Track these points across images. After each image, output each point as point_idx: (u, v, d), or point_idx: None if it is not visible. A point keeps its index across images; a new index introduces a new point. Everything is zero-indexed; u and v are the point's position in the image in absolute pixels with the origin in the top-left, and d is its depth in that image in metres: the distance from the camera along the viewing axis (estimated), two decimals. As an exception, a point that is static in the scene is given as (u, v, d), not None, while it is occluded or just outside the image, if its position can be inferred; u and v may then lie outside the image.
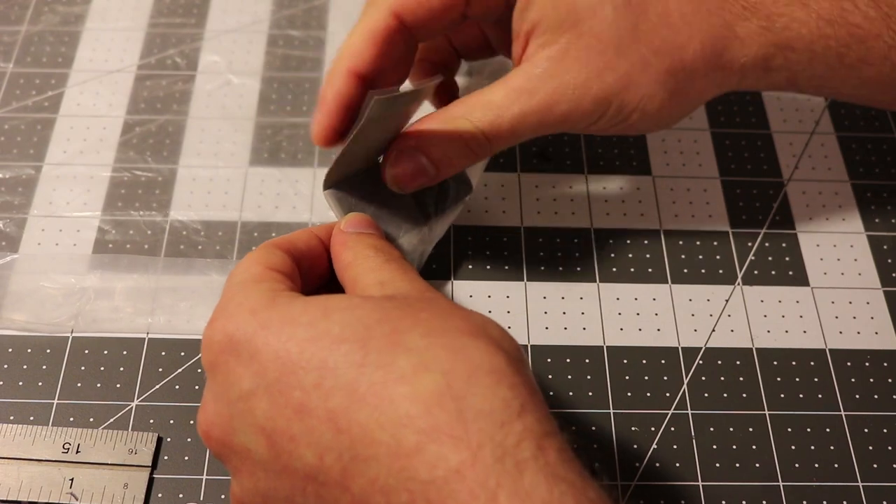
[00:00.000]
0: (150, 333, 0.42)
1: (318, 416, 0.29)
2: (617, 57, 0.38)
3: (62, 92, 0.50)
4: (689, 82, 0.39)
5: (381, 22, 0.38)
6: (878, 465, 0.40)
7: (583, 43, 0.37)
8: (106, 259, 0.44)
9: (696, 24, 0.38)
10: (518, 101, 0.38)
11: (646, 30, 0.38)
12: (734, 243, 0.46)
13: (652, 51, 0.38)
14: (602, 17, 0.37)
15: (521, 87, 0.38)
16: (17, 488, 0.37)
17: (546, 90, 0.38)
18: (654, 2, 0.38)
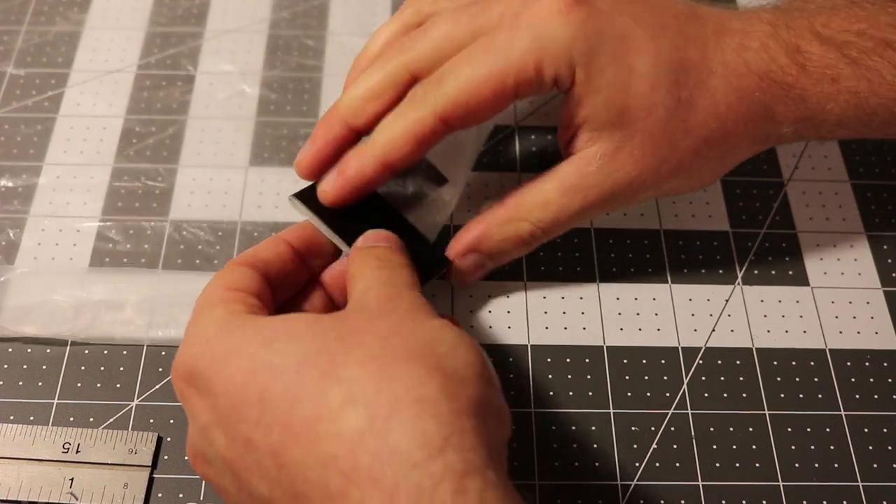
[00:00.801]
0: (149, 341, 0.42)
1: (263, 450, 0.29)
2: (670, 151, 0.39)
3: (62, 92, 0.50)
4: (732, 155, 0.41)
5: (427, 127, 0.37)
6: (878, 465, 0.40)
7: (636, 141, 0.38)
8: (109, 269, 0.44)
9: (740, 111, 0.39)
10: (574, 199, 0.39)
11: (695, 123, 0.38)
12: (734, 243, 0.46)
13: (702, 140, 0.39)
14: (655, 118, 0.38)
15: (577, 185, 0.39)
16: (17, 488, 0.37)
17: (601, 188, 0.39)
18: (702, 95, 0.38)
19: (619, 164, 0.38)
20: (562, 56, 0.37)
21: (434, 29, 0.38)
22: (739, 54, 0.38)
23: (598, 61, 0.37)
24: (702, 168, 0.40)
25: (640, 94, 0.37)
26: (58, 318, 0.41)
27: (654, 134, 0.38)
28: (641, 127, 0.38)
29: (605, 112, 0.38)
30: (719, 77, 0.38)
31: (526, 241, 0.40)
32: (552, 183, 0.39)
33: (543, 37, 0.36)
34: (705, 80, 0.38)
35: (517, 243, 0.40)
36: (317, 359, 0.30)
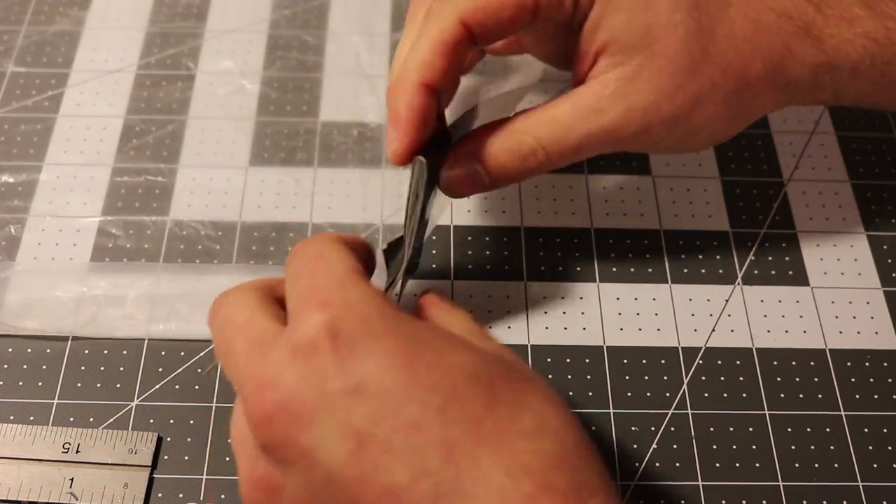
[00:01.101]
0: (149, 336, 0.42)
1: (431, 439, 0.28)
2: (688, 78, 0.38)
3: (62, 92, 0.50)
4: (750, 100, 0.39)
5: (450, 32, 0.36)
6: (878, 465, 0.40)
7: (655, 64, 0.37)
8: (110, 265, 0.44)
9: (758, 45, 0.38)
10: (586, 120, 0.38)
11: (714, 52, 0.38)
12: (734, 243, 0.46)
13: (720, 71, 0.38)
14: (675, 39, 0.37)
15: (590, 107, 0.38)
16: (17, 488, 0.37)
17: (616, 111, 0.37)
18: (721, 24, 0.38)
19: (636, 87, 0.37)
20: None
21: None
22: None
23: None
24: (721, 110, 0.39)
25: (660, 12, 0.37)
26: (59, 314, 0.42)
27: (672, 57, 0.37)
28: (660, 49, 0.37)
29: (626, 32, 0.37)
30: (737, 8, 0.38)
31: (526, 156, 0.38)
32: (565, 103, 0.38)
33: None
34: (724, 10, 0.38)
35: (517, 158, 0.38)
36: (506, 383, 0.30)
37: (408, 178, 0.47)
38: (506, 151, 0.38)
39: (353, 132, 0.49)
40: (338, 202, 0.46)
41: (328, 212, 0.46)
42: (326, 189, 0.47)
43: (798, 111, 0.51)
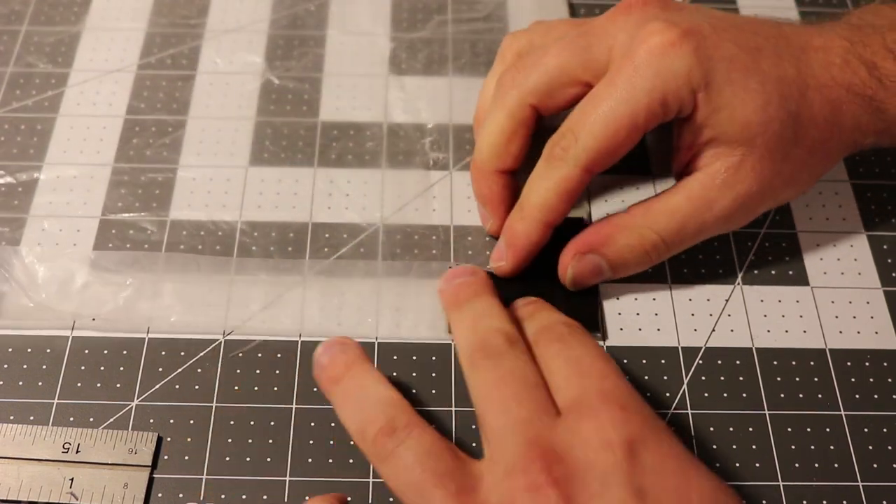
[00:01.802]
0: (150, 333, 0.42)
1: None
2: (783, 163, 0.41)
3: (62, 92, 0.50)
4: (827, 165, 0.43)
5: (576, 179, 0.40)
6: (878, 465, 0.40)
7: (756, 155, 0.40)
8: (110, 264, 0.44)
9: (835, 122, 0.41)
10: (700, 210, 0.41)
11: (802, 135, 0.40)
12: (734, 243, 0.46)
13: (808, 152, 0.41)
14: (772, 130, 0.40)
15: (703, 198, 0.41)
16: (17, 488, 0.37)
17: (725, 201, 0.41)
18: (804, 108, 0.40)
19: (741, 177, 0.40)
20: (683, 86, 0.39)
21: (545, 59, 0.41)
22: (826, 69, 0.40)
23: (715, 82, 0.39)
24: (806, 175, 0.42)
25: (757, 108, 0.39)
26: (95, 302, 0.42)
27: (770, 147, 0.40)
28: (761, 141, 0.40)
29: (730, 127, 0.40)
30: (814, 90, 0.40)
31: (648, 251, 0.41)
32: (680, 195, 0.41)
33: (663, 73, 0.39)
34: (804, 94, 0.40)
35: (639, 252, 0.41)
36: None
37: (407, 179, 0.48)
38: (630, 248, 0.41)
39: (353, 132, 0.49)
40: (338, 202, 0.46)
41: (328, 212, 0.46)
42: (326, 189, 0.47)
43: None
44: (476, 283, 0.39)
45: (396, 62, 0.52)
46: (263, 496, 0.38)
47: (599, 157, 0.39)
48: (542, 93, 0.41)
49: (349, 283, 0.44)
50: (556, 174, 0.40)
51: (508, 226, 0.42)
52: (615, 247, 0.41)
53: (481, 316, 0.37)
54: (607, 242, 0.41)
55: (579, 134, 0.39)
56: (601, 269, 0.41)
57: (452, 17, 0.54)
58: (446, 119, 0.50)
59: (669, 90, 0.39)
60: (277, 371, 0.41)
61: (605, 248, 0.41)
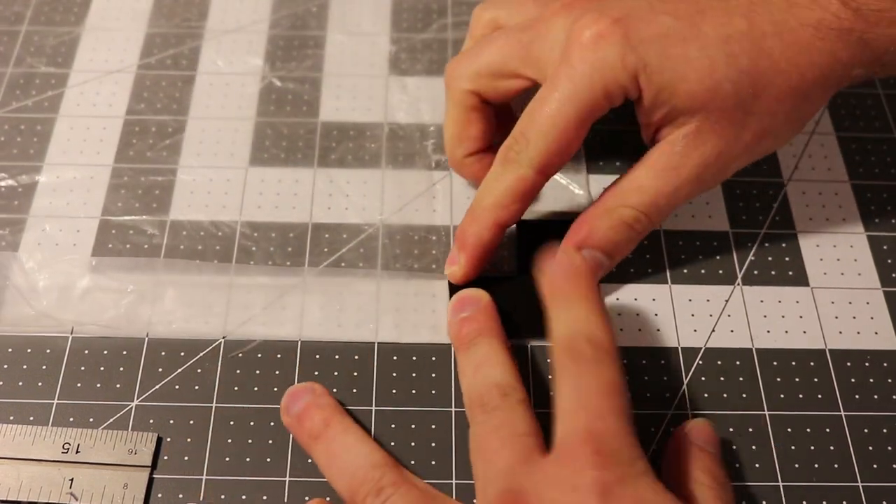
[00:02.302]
0: (150, 334, 0.42)
1: None
2: (746, 116, 0.40)
3: (62, 92, 0.50)
4: (810, 109, 0.42)
5: (530, 180, 0.40)
6: (878, 465, 0.40)
7: (713, 117, 0.40)
8: (110, 264, 0.44)
9: (803, 64, 0.40)
10: (667, 179, 0.41)
11: (763, 86, 0.40)
12: (734, 243, 0.46)
13: (774, 100, 0.40)
14: (723, 93, 0.39)
15: (667, 165, 0.40)
16: (17, 488, 0.37)
17: (691, 164, 0.40)
18: (760, 59, 0.39)
19: (702, 140, 0.40)
20: (621, 74, 0.39)
21: (488, 49, 0.43)
22: (788, 11, 0.40)
23: (651, 63, 0.39)
24: (782, 124, 0.41)
25: (701, 77, 0.39)
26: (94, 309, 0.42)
27: (726, 108, 0.39)
28: (713, 105, 0.39)
29: (677, 103, 0.39)
30: (772, 37, 0.39)
31: (631, 225, 0.41)
32: (643, 168, 0.41)
33: (598, 65, 0.39)
34: (759, 44, 0.39)
35: (624, 230, 0.41)
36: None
37: (407, 179, 0.48)
38: (613, 230, 0.41)
39: (353, 132, 0.49)
40: (338, 203, 0.46)
41: (328, 212, 0.46)
42: (326, 189, 0.47)
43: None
44: (479, 318, 0.40)
45: (397, 63, 0.52)
46: (263, 496, 0.38)
47: (551, 155, 0.40)
48: (481, 82, 0.42)
49: (349, 283, 0.44)
50: (510, 175, 0.40)
51: (460, 230, 0.42)
52: (599, 233, 0.41)
53: (481, 364, 0.38)
54: (591, 233, 0.41)
55: (530, 136, 0.40)
56: (599, 261, 0.41)
57: (452, 20, 0.54)
58: (446, 119, 0.50)
59: (608, 81, 0.39)
60: (277, 371, 0.41)
61: (591, 240, 0.41)
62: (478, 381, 0.37)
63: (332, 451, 0.37)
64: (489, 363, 0.38)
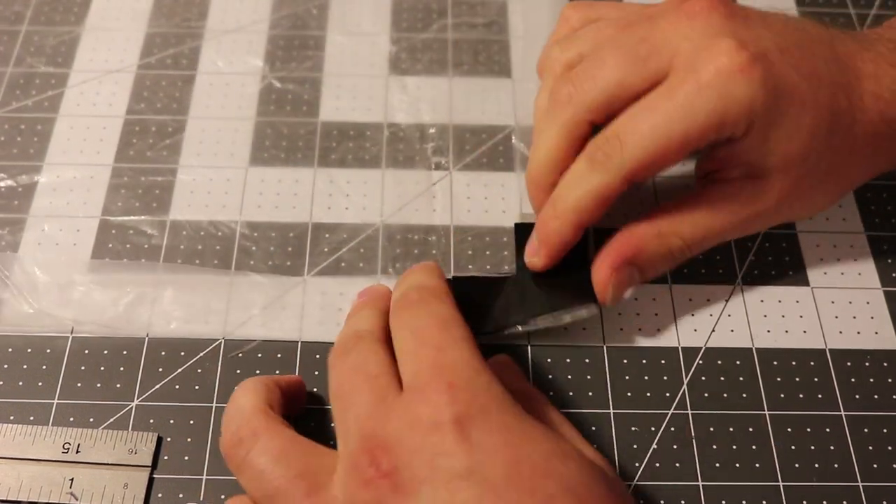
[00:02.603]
0: (149, 334, 0.42)
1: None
2: (810, 191, 0.41)
3: (62, 92, 0.50)
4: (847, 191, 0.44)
5: (615, 188, 0.39)
6: (878, 465, 0.40)
7: (787, 181, 0.40)
8: (110, 264, 0.44)
9: (869, 154, 0.41)
10: (722, 220, 0.41)
11: (838, 167, 0.41)
12: (734, 243, 0.46)
13: (837, 185, 0.42)
14: (809, 162, 0.40)
15: (726, 209, 0.40)
16: (17, 488, 0.37)
17: (749, 212, 0.41)
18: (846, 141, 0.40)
19: (766, 195, 0.40)
20: (743, 115, 0.38)
21: (603, 72, 0.39)
22: (875, 102, 0.40)
23: (772, 117, 0.38)
24: (824, 205, 0.43)
25: (802, 144, 0.39)
26: (94, 309, 0.42)
27: (802, 175, 0.40)
28: (794, 172, 0.40)
29: (770, 158, 0.39)
30: (860, 125, 0.40)
31: (675, 256, 0.41)
32: (704, 206, 0.41)
33: (726, 97, 0.37)
34: (851, 128, 0.40)
35: (667, 258, 0.41)
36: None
37: (407, 179, 0.48)
38: (659, 256, 0.41)
39: (353, 132, 0.49)
40: (337, 202, 0.46)
41: (328, 212, 0.46)
42: (326, 189, 0.47)
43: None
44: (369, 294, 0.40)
45: (397, 63, 0.52)
46: (263, 496, 0.38)
47: (643, 168, 0.38)
48: (600, 109, 0.39)
49: (349, 283, 0.44)
50: (596, 179, 0.39)
51: (542, 222, 0.41)
52: (645, 256, 0.40)
53: (350, 321, 0.38)
54: (638, 254, 0.40)
55: (626, 142, 0.38)
56: (634, 278, 0.41)
57: (453, 21, 0.54)
58: (447, 119, 0.50)
59: (730, 116, 0.37)
60: (277, 371, 0.41)
61: (638, 259, 0.40)
62: (342, 333, 0.37)
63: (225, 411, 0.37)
64: (356, 318, 0.38)
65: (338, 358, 0.36)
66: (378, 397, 0.33)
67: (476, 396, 0.32)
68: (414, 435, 0.31)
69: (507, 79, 0.51)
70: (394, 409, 0.32)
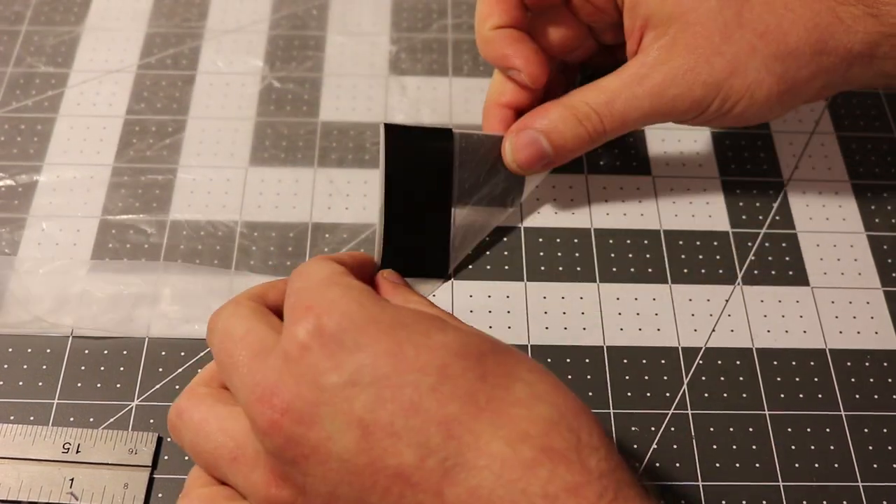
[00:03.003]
0: (149, 334, 0.42)
1: (430, 417, 0.29)
2: (723, 42, 0.40)
3: (62, 92, 0.50)
4: (795, 68, 0.40)
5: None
6: (878, 465, 0.40)
7: (690, 31, 0.40)
8: (110, 264, 0.44)
9: (799, 10, 0.39)
10: (630, 85, 0.41)
11: (750, 17, 0.39)
12: (734, 243, 0.46)
13: (757, 35, 0.39)
14: (707, 6, 0.39)
15: (634, 73, 0.41)
16: (17, 488, 0.37)
17: (657, 75, 0.40)
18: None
19: (674, 53, 0.40)
20: None
21: None
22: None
23: None
24: (762, 76, 0.40)
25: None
26: (93, 311, 0.42)
27: (706, 23, 0.40)
28: (694, 17, 0.40)
29: (661, 6, 0.40)
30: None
31: (581, 120, 0.41)
32: (613, 75, 0.41)
33: None
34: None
35: (573, 122, 0.41)
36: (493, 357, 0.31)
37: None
38: (563, 119, 0.41)
39: (352, 132, 0.49)
40: (337, 202, 0.46)
41: (328, 212, 0.46)
42: (326, 189, 0.47)
43: (798, 111, 0.51)
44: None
45: (397, 63, 0.52)
46: (263, 496, 0.38)
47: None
48: None
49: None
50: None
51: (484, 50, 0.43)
52: (548, 118, 0.41)
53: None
54: (540, 115, 0.41)
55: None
56: (540, 146, 0.42)
57: (453, 21, 0.54)
58: (447, 120, 0.50)
59: None
60: (277, 371, 0.41)
61: (538, 124, 0.41)
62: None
63: None
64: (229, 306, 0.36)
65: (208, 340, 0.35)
66: (253, 352, 0.32)
67: (333, 306, 0.31)
68: (291, 366, 0.30)
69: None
70: (269, 356, 0.32)
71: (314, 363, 0.30)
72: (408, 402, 0.29)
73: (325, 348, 0.30)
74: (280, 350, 0.31)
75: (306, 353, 0.30)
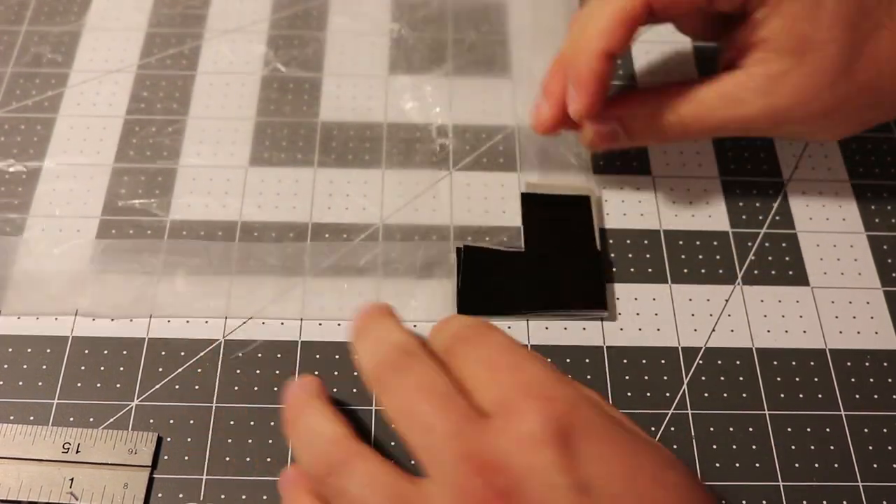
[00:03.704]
0: (150, 333, 0.42)
1: None
2: (827, 89, 0.40)
3: (62, 92, 0.50)
4: (876, 116, 0.42)
5: (633, 9, 0.39)
6: (878, 465, 0.40)
7: (802, 71, 0.39)
8: (109, 264, 0.44)
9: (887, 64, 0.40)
10: (727, 107, 0.41)
11: (857, 69, 0.40)
12: (734, 243, 0.46)
13: (857, 87, 0.40)
14: (827, 52, 0.39)
15: (731, 95, 0.40)
16: (17, 488, 0.37)
17: (756, 105, 0.40)
18: (868, 44, 0.39)
19: (778, 89, 0.40)
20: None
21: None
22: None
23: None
24: (846, 120, 0.41)
25: (821, 26, 0.38)
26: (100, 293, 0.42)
27: (819, 68, 0.39)
28: (811, 59, 0.39)
29: (785, 36, 0.39)
30: (888, 30, 0.39)
31: (661, 126, 0.41)
32: (711, 88, 0.41)
33: None
34: (875, 31, 0.39)
35: (651, 124, 0.41)
36: None
37: (407, 179, 0.48)
38: (645, 118, 0.41)
39: (353, 132, 0.49)
40: (338, 202, 0.46)
41: (328, 212, 0.46)
42: (326, 189, 0.47)
43: (798, 111, 0.51)
44: (377, 309, 0.37)
45: (397, 62, 0.52)
46: (263, 496, 0.38)
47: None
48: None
49: (349, 283, 0.44)
50: (612, 4, 0.40)
51: (570, 64, 0.41)
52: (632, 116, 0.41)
53: (380, 335, 0.35)
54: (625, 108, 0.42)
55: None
56: (616, 134, 0.42)
57: (453, 21, 0.54)
58: (447, 119, 0.50)
59: None
60: (277, 371, 0.41)
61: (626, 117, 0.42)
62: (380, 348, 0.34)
63: (299, 434, 0.35)
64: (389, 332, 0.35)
65: (391, 376, 0.33)
66: (463, 416, 0.30)
67: (576, 408, 0.30)
68: (522, 453, 0.29)
69: (507, 79, 0.51)
70: (488, 429, 0.30)
71: (548, 458, 0.29)
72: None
73: (563, 448, 0.29)
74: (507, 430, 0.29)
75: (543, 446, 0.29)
